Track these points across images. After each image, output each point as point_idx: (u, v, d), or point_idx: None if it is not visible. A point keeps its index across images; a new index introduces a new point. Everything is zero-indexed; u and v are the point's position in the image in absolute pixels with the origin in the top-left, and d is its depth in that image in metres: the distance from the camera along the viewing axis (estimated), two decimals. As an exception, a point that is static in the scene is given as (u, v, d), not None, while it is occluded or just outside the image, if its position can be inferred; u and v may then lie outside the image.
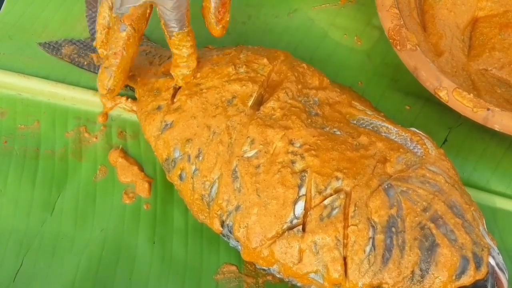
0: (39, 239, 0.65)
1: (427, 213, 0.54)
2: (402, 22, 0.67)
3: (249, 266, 0.64)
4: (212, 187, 0.60)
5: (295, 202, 0.56)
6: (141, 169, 0.69)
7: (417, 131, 0.62)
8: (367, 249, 0.53)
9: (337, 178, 0.56)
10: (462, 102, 0.63)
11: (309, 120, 0.60)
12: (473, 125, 0.67)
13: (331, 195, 0.56)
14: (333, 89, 0.65)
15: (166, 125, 0.63)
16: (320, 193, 0.56)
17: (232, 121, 0.60)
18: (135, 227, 0.66)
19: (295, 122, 0.59)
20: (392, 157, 0.58)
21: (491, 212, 0.68)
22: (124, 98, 0.72)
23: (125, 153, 0.70)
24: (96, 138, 0.71)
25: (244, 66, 0.63)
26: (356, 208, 0.54)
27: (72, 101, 0.73)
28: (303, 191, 0.56)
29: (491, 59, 0.73)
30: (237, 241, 0.59)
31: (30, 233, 0.65)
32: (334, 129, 0.60)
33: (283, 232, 0.56)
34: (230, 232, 0.58)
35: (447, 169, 0.59)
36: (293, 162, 0.57)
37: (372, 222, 0.54)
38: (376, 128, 0.62)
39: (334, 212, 0.55)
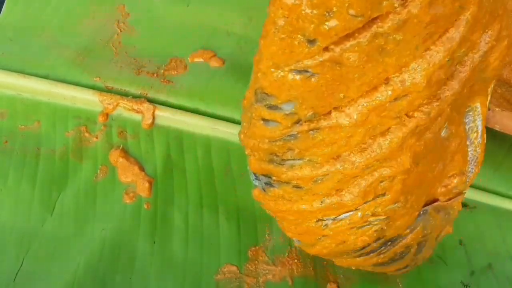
0: (40, 238, 0.65)
1: None
2: (402, 22, 0.67)
3: (249, 266, 0.64)
4: None
5: None
6: (142, 168, 0.69)
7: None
8: None
9: None
10: (463, 102, 0.63)
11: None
12: (473, 125, 0.67)
13: None
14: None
15: None
16: None
17: None
18: (136, 227, 0.66)
19: None
20: (451, 183, 0.57)
21: (493, 212, 0.68)
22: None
23: (125, 153, 0.70)
24: (97, 137, 0.71)
25: None
26: None
27: (72, 100, 0.73)
28: None
29: (491, 59, 0.73)
30: None
31: (31, 232, 0.65)
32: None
33: None
34: None
35: None
36: None
37: None
38: (469, 131, 0.58)
39: None
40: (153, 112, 0.72)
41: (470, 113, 0.56)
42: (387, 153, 0.48)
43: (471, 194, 0.70)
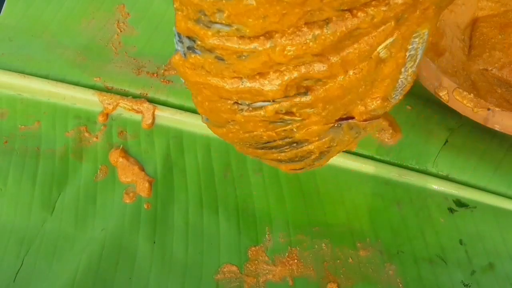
0: (40, 238, 0.65)
1: None
2: (402, 22, 0.67)
3: (249, 266, 0.64)
4: None
5: None
6: (142, 168, 0.69)
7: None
8: None
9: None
10: (463, 102, 0.63)
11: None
12: (474, 126, 0.67)
13: None
14: None
15: None
16: None
17: None
18: (136, 227, 0.66)
19: None
20: (372, 105, 0.54)
21: (493, 212, 0.68)
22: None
23: (125, 153, 0.70)
24: (97, 137, 0.71)
25: None
26: None
27: (72, 100, 0.73)
28: None
29: (491, 59, 0.73)
30: None
31: (31, 232, 0.65)
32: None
33: None
34: None
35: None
36: None
37: None
38: (409, 58, 0.53)
39: None
40: (153, 112, 0.72)
41: (416, 39, 0.52)
42: (320, 48, 0.45)
43: (471, 194, 0.70)
